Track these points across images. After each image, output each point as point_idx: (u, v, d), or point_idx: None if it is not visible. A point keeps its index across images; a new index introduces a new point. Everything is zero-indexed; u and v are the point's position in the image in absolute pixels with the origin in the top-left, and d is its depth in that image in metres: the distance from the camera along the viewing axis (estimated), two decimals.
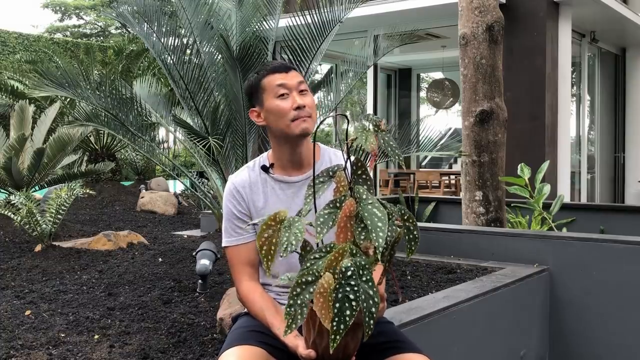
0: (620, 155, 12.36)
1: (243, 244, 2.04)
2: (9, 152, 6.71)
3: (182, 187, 9.83)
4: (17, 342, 2.76)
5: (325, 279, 1.47)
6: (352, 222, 1.55)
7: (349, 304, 1.44)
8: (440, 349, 2.67)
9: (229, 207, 2.07)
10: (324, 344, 1.62)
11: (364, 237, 1.52)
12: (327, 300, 1.45)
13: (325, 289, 1.46)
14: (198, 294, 3.49)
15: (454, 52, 8.08)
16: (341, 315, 1.44)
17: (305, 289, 1.50)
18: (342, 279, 1.46)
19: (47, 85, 4.70)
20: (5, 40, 15.95)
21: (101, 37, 28.06)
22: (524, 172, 5.08)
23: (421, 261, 3.95)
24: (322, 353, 1.65)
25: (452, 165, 14.70)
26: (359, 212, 1.54)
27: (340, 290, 1.45)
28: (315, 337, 1.63)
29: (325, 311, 1.45)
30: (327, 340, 1.58)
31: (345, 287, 1.45)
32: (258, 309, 1.94)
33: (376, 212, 1.52)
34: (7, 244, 5.56)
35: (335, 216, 1.57)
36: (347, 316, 1.44)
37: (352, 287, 1.45)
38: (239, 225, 2.04)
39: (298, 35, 4.58)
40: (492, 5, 4.93)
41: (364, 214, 1.53)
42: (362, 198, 1.57)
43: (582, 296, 3.61)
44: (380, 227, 1.49)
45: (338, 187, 1.65)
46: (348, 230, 1.55)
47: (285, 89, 2.00)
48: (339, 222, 1.56)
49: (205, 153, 4.64)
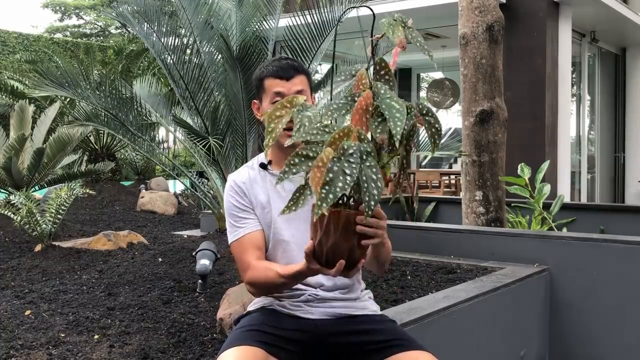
0: (620, 155, 12.36)
1: (249, 233, 2.02)
2: (9, 152, 6.71)
3: (182, 187, 9.83)
4: (17, 342, 2.76)
5: (325, 153, 1.43)
6: (368, 116, 1.51)
7: (342, 177, 1.41)
8: (440, 349, 2.67)
9: (230, 202, 2.06)
10: (330, 243, 1.60)
11: (380, 131, 1.49)
12: (323, 173, 1.41)
13: (324, 163, 1.42)
14: (198, 294, 3.49)
15: (454, 52, 8.07)
16: (332, 185, 1.40)
17: (303, 161, 1.46)
18: (342, 155, 1.43)
19: (47, 85, 4.71)
20: (5, 40, 15.95)
21: (101, 37, 28.05)
22: (524, 172, 5.08)
23: (421, 261, 3.95)
24: (326, 252, 1.62)
25: (452, 165, 14.70)
26: (376, 104, 1.51)
27: (338, 163, 1.42)
28: (322, 235, 1.60)
29: (316, 181, 1.41)
30: (333, 239, 1.57)
31: (343, 162, 1.42)
32: (264, 270, 1.91)
33: (394, 105, 1.49)
34: (7, 244, 5.56)
35: (349, 107, 1.53)
36: (337, 187, 1.40)
37: (350, 164, 1.42)
38: (242, 216, 2.03)
39: (298, 35, 4.58)
40: (492, 5, 4.93)
41: (382, 105, 1.49)
42: (379, 93, 1.53)
43: (582, 296, 3.60)
44: (398, 117, 1.46)
45: (358, 84, 1.61)
46: (363, 125, 1.51)
47: (280, 97, 2.00)
48: (353, 116, 1.51)
49: (205, 153, 4.64)
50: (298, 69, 2.06)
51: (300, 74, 2.06)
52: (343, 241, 1.59)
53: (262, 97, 2.09)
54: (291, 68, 2.05)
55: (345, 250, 1.60)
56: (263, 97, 2.08)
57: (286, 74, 2.03)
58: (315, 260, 1.65)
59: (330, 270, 1.63)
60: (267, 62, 2.12)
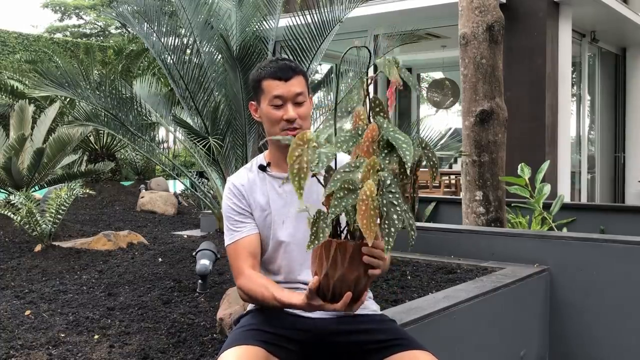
0: (621, 155, 12.35)
1: (245, 237, 2.03)
2: (9, 152, 6.71)
3: (182, 187, 9.82)
4: (17, 342, 2.76)
5: (368, 186, 1.49)
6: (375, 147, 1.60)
7: (394, 208, 1.49)
8: (441, 349, 2.67)
9: (229, 205, 2.07)
10: (337, 275, 1.62)
11: (388, 161, 1.57)
12: (370, 207, 1.47)
13: (368, 195, 1.48)
14: (198, 294, 3.49)
15: (454, 52, 8.07)
16: (389, 219, 1.48)
17: (347, 194, 1.51)
18: (383, 187, 1.51)
19: (47, 85, 4.70)
20: (5, 40, 15.95)
21: (101, 37, 28.05)
22: (524, 172, 5.07)
23: (421, 261, 3.94)
24: (333, 285, 1.64)
25: (452, 165, 14.69)
26: (383, 135, 1.59)
27: (384, 196, 1.50)
28: (329, 268, 1.62)
29: (367, 220, 1.46)
30: (341, 270, 1.60)
31: (387, 194, 1.51)
32: (262, 287, 1.92)
33: (399, 137, 1.58)
34: (7, 244, 5.56)
35: (355, 140, 1.61)
36: (394, 220, 1.48)
37: (393, 195, 1.51)
38: (239, 220, 2.04)
39: (298, 35, 4.58)
40: (492, 5, 4.93)
41: (388, 137, 1.58)
42: (383, 126, 1.62)
43: (582, 296, 3.60)
44: (405, 147, 1.55)
45: (356, 120, 1.68)
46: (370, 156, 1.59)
47: (280, 100, 2.00)
48: (362, 147, 1.59)
49: (205, 153, 4.64)
50: (296, 69, 2.05)
51: (298, 75, 2.04)
52: (350, 273, 1.62)
53: (260, 98, 2.07)
54: (289, 69, 2.03)
55: (352, 281, 1.63)
56: (261, 98, 2.06)
57: (285, 75, 2.02)
58: (318, 297, 1.68)
59: (336, 304, 1.66)
60: (264, 63, 2.10)
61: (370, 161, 1.53)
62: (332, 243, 1.59)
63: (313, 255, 1.67)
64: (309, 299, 1.70)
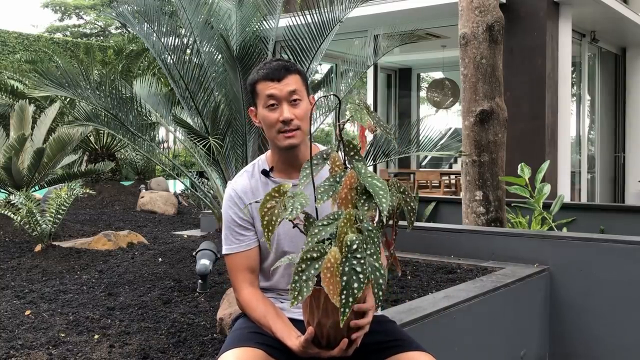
0: (620, 155, 12.35)
1: (244, 251, 2.01)
2: (9, 152, 6.71)
3: (182, 187, 9.83)
4: (17, 342, 2.76)
5: (332, 254, 1.50)
6: (353, 194, 1.61)
7: (356, 276, 1.48)
8: (440, 349, 2.67)
9: (230, 215, 2.03)
10: (330, 323, 1.62)
11: (367, 208, 1.59)
12: (335, 275, 1.47)
13: (332, 263, 1.48)
14: (198, 294, 3.49)
15: (454, 52, 8.08)
16: (349, 288, 1.47)
17: (310, 265, 1.52)
18: (348, 253, 1.50)
19: (47, 85, 4.70)
20: (5, 40, 15.95)
21: (101, 36, 28.05)
22: (524, 172, 5.07)
23: (421, 261, 3.95)
24: (327, 333, 1.65)
25: (452, 165, 14.69)
26: (361, 181, 1.61)
27: (347, 263, 1.49)
28: (321, 317, 1.62)
29: (332, 286, 1.47)
30: (333, 318, 1.60)
31: (352, 260, 1.49)
32: (260, 315, 1.93)
33: (376, 183, 1.60)
34: (7, 244, 5.56)
35: (335, 188, 1.63)
36: (355, 289, 1.47)
37: (358, 260, 1.49)
38: (240, 232, 2.01)
39: (298, 35, 4.58)
40: (492, 5, 4.93)
41: (366, 184, 1.60)
42: (361, 172, 1.64)
43: (582, 296, 3.60)
44: (381, 194, 1.57)
45: (333, 167, 1.69)
46: (349, 202, 1.61)
47: (274, 100, 1.95)
48: (340, 194, 1.61)
49: (205, 153, 4.64)
50: (290, 68, 1.99)
51: (293, 74, 1.98)
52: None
53: (257, 102, 2.02)
54: (282, 68, 1.98)
55: (345, 326, 1.64)
56: (258, 102, 2.01)
57: (277, 75, 1.96)
58: (314, 346, 1.70)
59: (332, 351, 1.68)
60: (258, 67, 2.05)
61: (346, 214, 1.55)
62: (321, 292, 1.56)
63: (304, 305, 1.67)
64: (305, 348, 1.71)
